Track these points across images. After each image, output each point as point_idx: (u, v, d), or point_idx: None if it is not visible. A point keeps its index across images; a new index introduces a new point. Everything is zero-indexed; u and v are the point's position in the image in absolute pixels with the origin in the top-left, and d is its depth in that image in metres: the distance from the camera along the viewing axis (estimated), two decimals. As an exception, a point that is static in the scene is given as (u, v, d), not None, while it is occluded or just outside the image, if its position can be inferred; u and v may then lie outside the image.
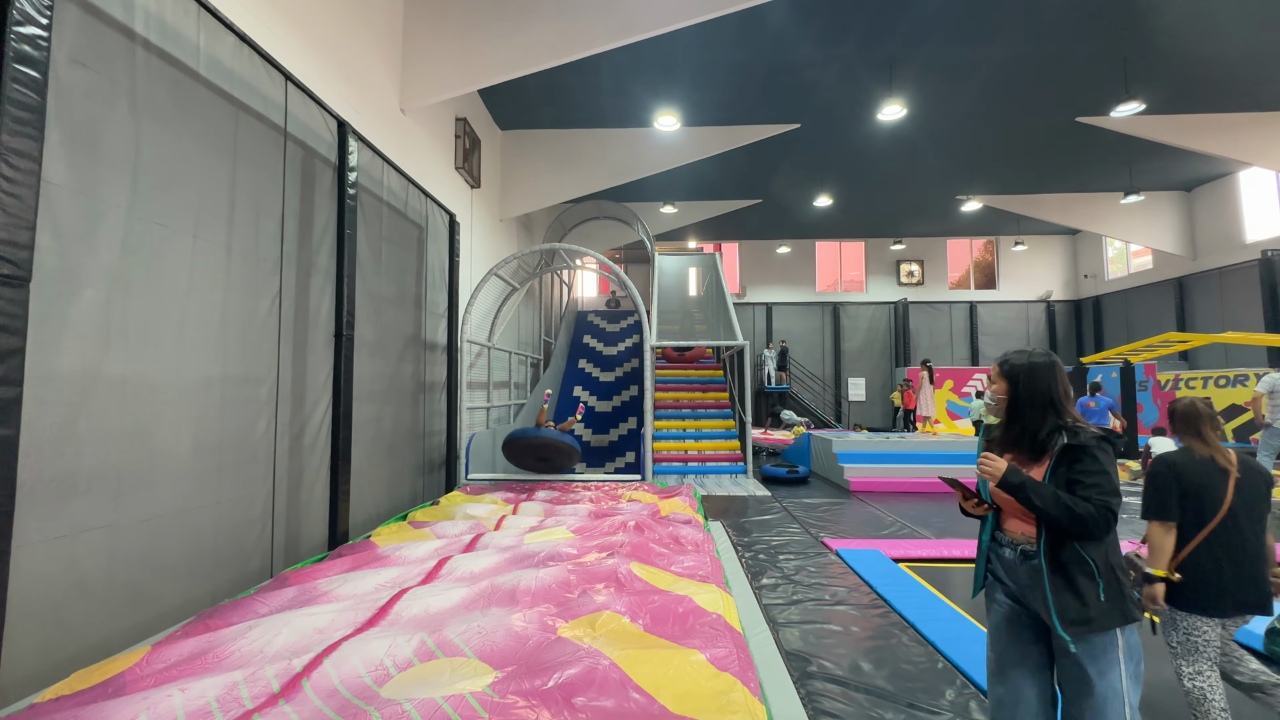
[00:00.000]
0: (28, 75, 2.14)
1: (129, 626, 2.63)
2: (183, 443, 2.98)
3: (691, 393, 11.69)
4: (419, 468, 5.95)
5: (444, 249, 6.64)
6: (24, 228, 2.12)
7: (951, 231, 17.11)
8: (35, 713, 1.82)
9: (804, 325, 17.60)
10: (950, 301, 17.48)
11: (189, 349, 3.03)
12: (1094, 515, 1.47)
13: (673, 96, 8.71)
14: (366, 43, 5.34)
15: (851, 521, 5.90)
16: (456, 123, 7.60)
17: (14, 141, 2.09)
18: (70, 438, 2.40)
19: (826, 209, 14.21)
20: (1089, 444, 1.55)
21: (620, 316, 14.61)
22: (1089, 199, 13.54)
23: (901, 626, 3.22)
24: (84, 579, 2.44)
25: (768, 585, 3.90)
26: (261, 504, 3.54)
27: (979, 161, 11.46)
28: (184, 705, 1.74)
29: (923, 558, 4.54)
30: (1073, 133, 9.94)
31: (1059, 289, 17.44)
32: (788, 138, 9.91)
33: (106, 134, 2.58)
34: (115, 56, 2.63)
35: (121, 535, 2.62)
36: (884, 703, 2.45)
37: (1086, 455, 1.54)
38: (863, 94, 8.64)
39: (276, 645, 2.18)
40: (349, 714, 1.71)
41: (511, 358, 9.91)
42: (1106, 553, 1.53)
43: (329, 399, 4.19)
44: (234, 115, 3.38)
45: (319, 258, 4.12)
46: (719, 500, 6.75)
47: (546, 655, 2.10)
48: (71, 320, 2.42)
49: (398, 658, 2.06)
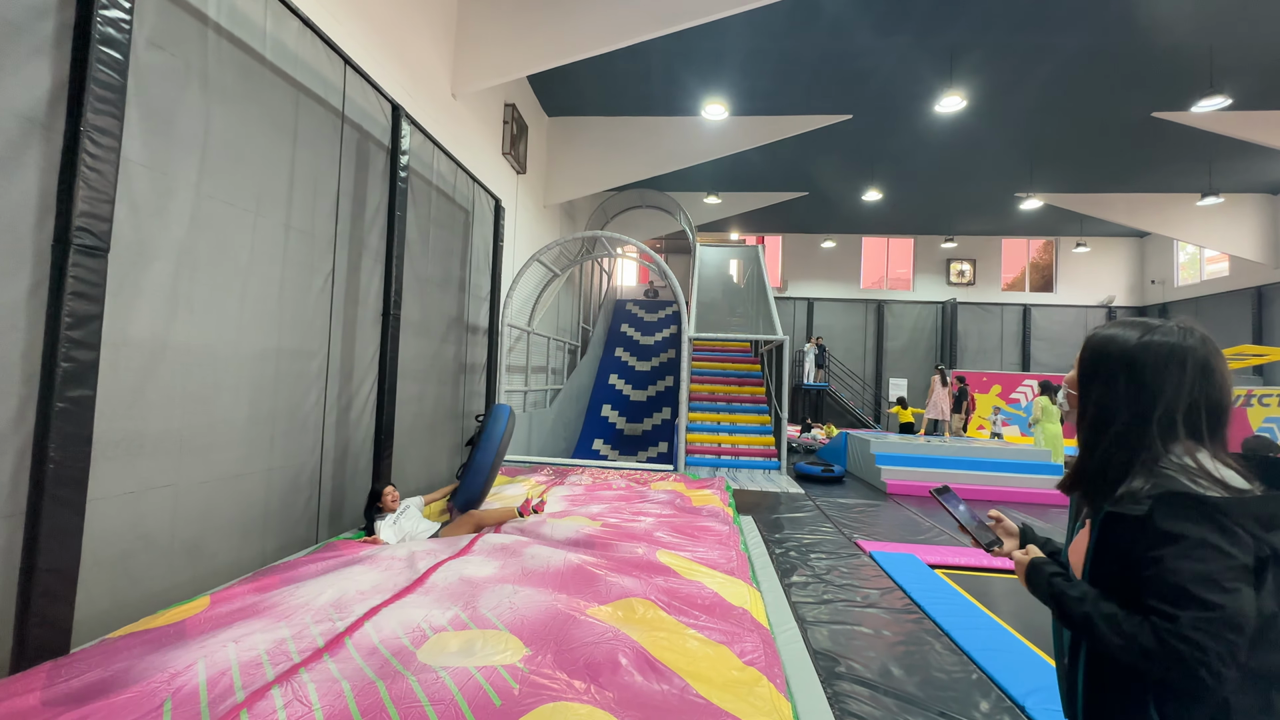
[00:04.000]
0: (111, 56, 2.26)
1: (188, 579, 2.80)
2: (240, 411, 3.13)
3: (728, 386, 11.61)
4: (457, 446, 6.10)
5: (489, 233, 6.75)
6: (105, 201, 2.25)
7: (1008, 230, 16.39)
8: (106, 647, 1.97)
9: (846, 322, 17.22)
10: (1002, 304, 16.79)
11: (248, 321, 3.17)
12: (1155, 651, 0.83)
13: (721, 85, 8.59)
14: (421, 28, 5.43)
15: (887, 524, 5.77)
16: (505, 108, 7.68)
17: (98, 120, 2.22)
18: (139, 401, 2.55)
19: (875, 203, 13.81)
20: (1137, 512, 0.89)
21: (659, 306, 14.60)
22: (1161, 200, 12.75)
23: (935, 634, 3.15)
24: (149, 533, 2.61)
25: (798, 583, 3.86)
26: (309, 473, 3.70)
27: (1042, 157, 10.92)
28: (238, 656, 1.85)
29: (961, 565, 4.42)
30: (1147, 128, 9.36)
31: (1122, 294, 16.54)
32: (838, 129, 9.65)
33: (179, 114, 2.71)
34: (189, 40, 2.76)
35: (183, 494, 2.78)
36: (913, 709, 2.40)
37: (1145, 533, 0.89)
38: (920, 84, 8.33)
39: (321, 602, 2.29)
40: (388, 675, 1.78)
41: (550, 343, 10.03)
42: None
43: (375, 376, 4.33)
44: (295, 98, 3.50)
45: (370, 238, 4.25)
46: (751, 495, 6.71)
47: (575, 634, 2.14)
48: (144, 290, 2.56)
49: (434, 625, 2.14)
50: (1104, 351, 1.03)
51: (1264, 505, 0.86)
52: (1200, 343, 0.96)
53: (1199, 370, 0.94)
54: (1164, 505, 0.88)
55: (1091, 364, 1.05)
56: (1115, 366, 1.00)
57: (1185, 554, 0.84)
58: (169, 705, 1.63)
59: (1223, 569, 0.83)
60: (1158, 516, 0.88)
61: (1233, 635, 0.81)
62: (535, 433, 8.29)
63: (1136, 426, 0.96)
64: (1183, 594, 0.83)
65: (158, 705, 1.62)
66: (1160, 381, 0.95)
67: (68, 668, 1.85)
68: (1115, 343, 1.01)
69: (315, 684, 1.72)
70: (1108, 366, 1.01)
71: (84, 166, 2.17)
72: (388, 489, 3.92)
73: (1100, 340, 1.04)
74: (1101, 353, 1.03)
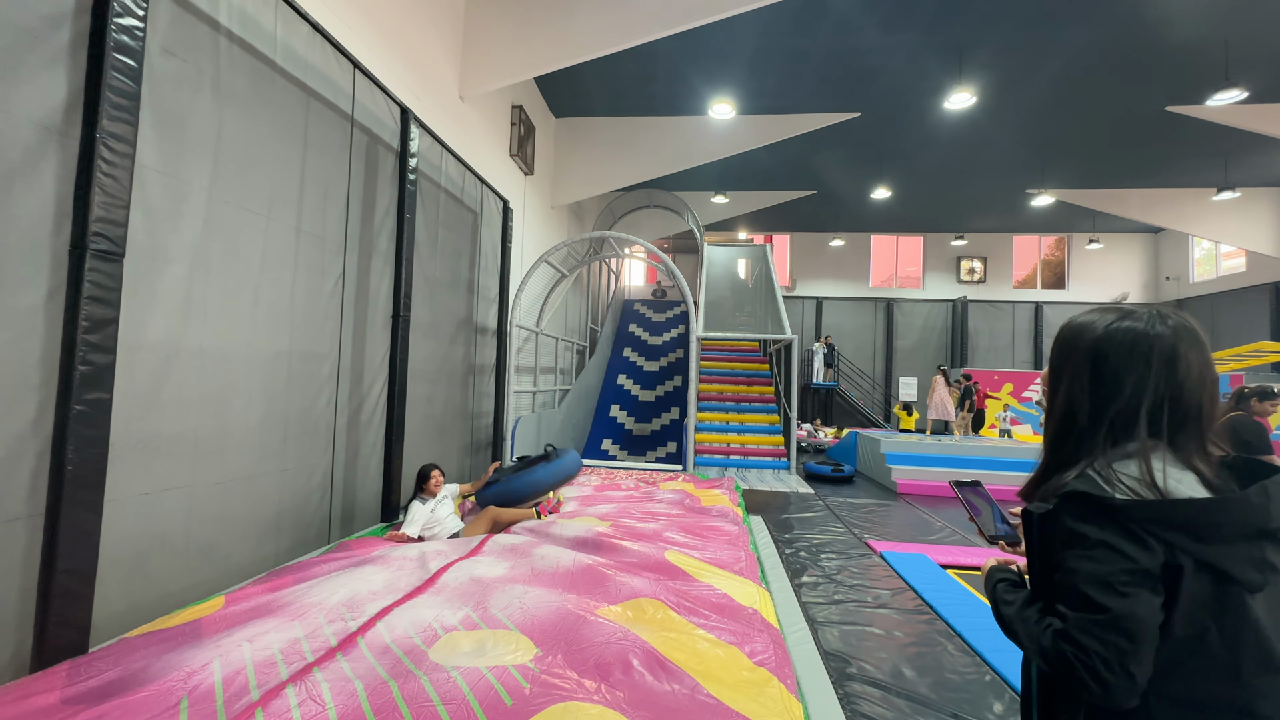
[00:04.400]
0: (125, 64, 2.30)
1: (202, 579, 2.83)
2: (253, 413, 3.17)
3: (736, 385, 11.59)
4: (467, 447, 6.13)
5: (497, 235, 6.78)
6: (120, 207, 2.28)
7: (1019, 227, 16.23)
8: (124, 646, 2.00)
9: (855, 321, 17.12)
10: (1014, 301, 16.62)
11: (260, 324, 3.21)
12: (1049, 652, 0.81)
13: (728, 84, 8.57)
14: (429, 31, 5.47)
15: (898, 524, 5.74)
16: (512, 110, 7.71)
17: (113, 126, 2.25)
18: (155, 403, 2.58)
19: (884, 201, 13.71)
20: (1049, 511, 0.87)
21: (667, 306, 14.59)
22: (1176, 195, 12.57)
23: (947, 634, 3.12)
24: (164, 533, 2.64)
25: (808, 583, 3.84)
26: (321, 474, 3.73)
27: (1054, 153, 10.80)
28: (252, 655, 1.87)
29: (974, 566, 4.38)
30: (1161, 123, 9.23)
31: (1136, 291, 16.32)
32: (846, 126, 9.60)
33: (192, 120, 2.74)
34: (202, 46, 2.79)
35: (197, 495, 2.81)
36: (926, 710, 2.38)
37: (1056, 532, 0.86)
38: (929, 81, 8.27)
39: (333, 602, 2.31)
40: (400, 675, 1.79)
41: (558, 344, 10.05)
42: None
43: (385, 377, 4.36)
44: (305, 102, 3.53)
45: (380, 241, 4.28)
46: (760, 495, 6.69)
47: (585, 634, 2.14)
48: (158, 294, 2.59)
49: (445, 624, 2.15)
50: (1071, 343, 0.95)
51: (1176, 511, 0.79)
52: (1171, 331, 0.87)
53: (1164, 361, 0.86)
54: (1068, 504, 0.84)
55: (1058, 355, 0.97)
56: (1081, 357, 0.92)
57: (1084, 555, 0.81)
58: (186, 703, 1.65)
59: (1117, 571, 0.78)
60: (1063, 515, 0.84)
61: (1120, 640, 0.75)
62: (544, 433, 8.30)
63: (1094, 423, 0.89)
64: (1075, 594, 0.80)
65: (174, 703, 1.64)
66: (1121, 373, 0.88)
67: (87, 666, 1.87)
68: (1083, 333, 0.94)
69: (329, 683, 1.74)
70: (1074, 358, 0.94)
71: (99, 173, 2.21)
72: (434, 472, 3.98)
73: (1069, 330, 0.96)
74: (1069, 344, 0.95)
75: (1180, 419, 0.86)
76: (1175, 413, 0.86)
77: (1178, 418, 0.86)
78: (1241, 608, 0.78)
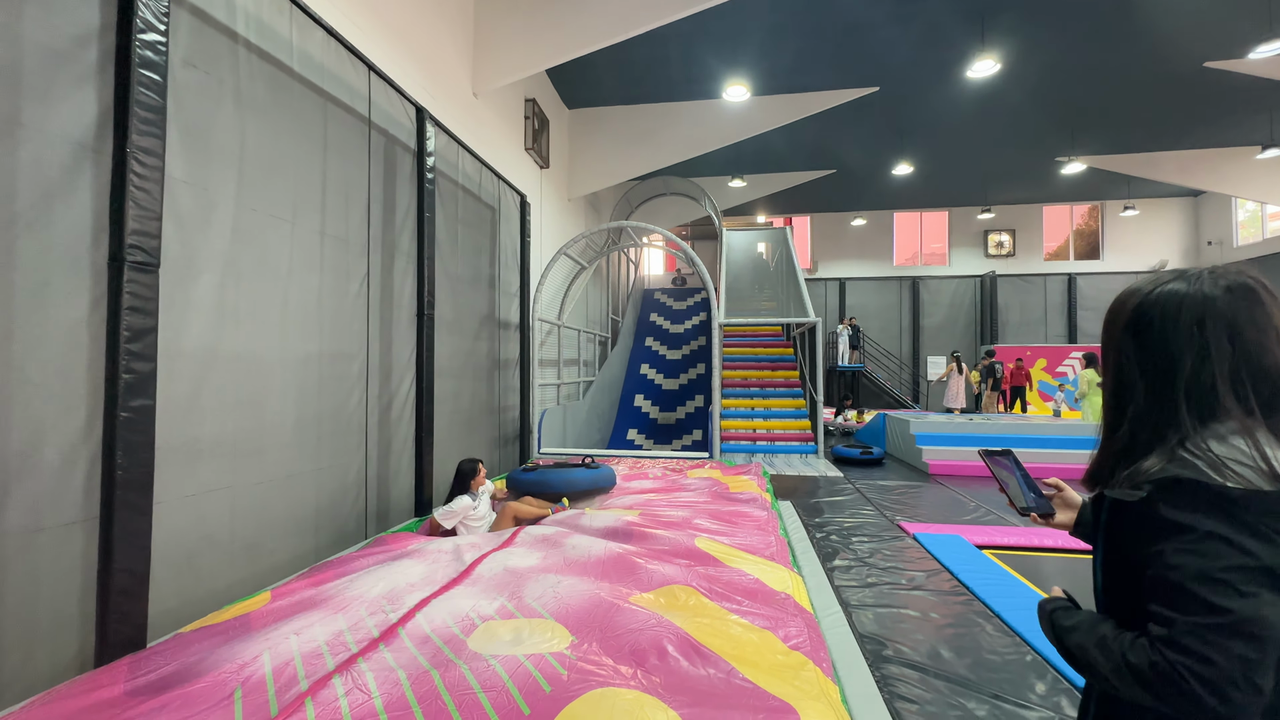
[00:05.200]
0: (150, 79, 2.35)
1: (248, 576, 2.93)
2: (288, 414, 3.25)
3: (760, 371, 11.51)
4: (495, 441, 6.22)
5: (515, 230, 6.81)
6: (152, 219, 2.35)
7: (1049, 197, 15.72)
8: (179, 641, 2.09)
9: (880, 301, 16.82)
10: (1045, 274, 16.14)
11: (291, 328, 3.28)
12: (1145, 668, 0.68)
13: (742, 65, 8.43)
14: (440, 29, 5.49)
15: (930, 505, 5.65)
16: (526, 104, 7.71)
17: (142, 140, 2.31)
18: (195, 408, 2.67)
19: (906, 177, 13.39)
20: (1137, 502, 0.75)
21: (687, 294, 14.53)
22: (1216, 155, 12.02)
23: (986, 615, 3.08)
24: (211, 533, 2.74)
25: (840, 567, 3.82)
26: (356, 472, 3.82)
27: (1084, 118, 10.40)
28: (299, 647, 1.94)
29: (1011, 545, 4.30)
30: (1198, 80, 8.81)
31: (1175, 258, 15.70)
32: (865, 102, 9.38)
33: (216, 130, 2.80)
34: (221, 56, 2.84)
35: (239, 495, 2.91)
36: (965, 691, 2.36)
37: (1146, 524, 0.74)
38: (950, 50, 8.02)
39: (374, 595, 2.38)
40: (441, 664, 1.84)
41: (580, 336, 10.10)
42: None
43: (413, 375, 4.44)
44: (323, 107, 3.58)
45: (401, 240, 4.34)
46: (789, 480, 6.65)
47: (619, 620, 2.17)
48: (193, 302, 2.67)
49: (482, 614, 2.20)
50: (1114, 313, 0.85)
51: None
52: (1226, 291, 0.76)
53: (1224, 326, 0.74)
54: (1166, 491, 0.72)
55: (1104, 329, 0.87)
56: (1123, 328, 0.83)
57: (1188, 548, 0.68)
58: (239, 694, 1.72)
59: (1235, 567, 0.65)
60: (1160, 504, 0.72)
61: (1245, 648, 0.63)
62: (570, 425, 8.37)
63: (1157, 400, 0.77)
64: (1181, 594, 0.67)
65: (229, 694, 1.71)
66: (1171, 342, 0.77)
67: (146, 661, 1.96)
68: (1125, 301, 0.84)
69: (373, 673, 1.79)
70: (1115, 329, 0.84)
71: (132, 186, 2.27)
72: (480, 467, 4.00)
73: (1117, 299, 0.86)
74: (1112, 314, 0.85)
75: (1270, 391, 0.74)
76: (1261, 385, 0.74)
77: (1265, 390, 0.74)
78: None
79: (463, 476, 4.00)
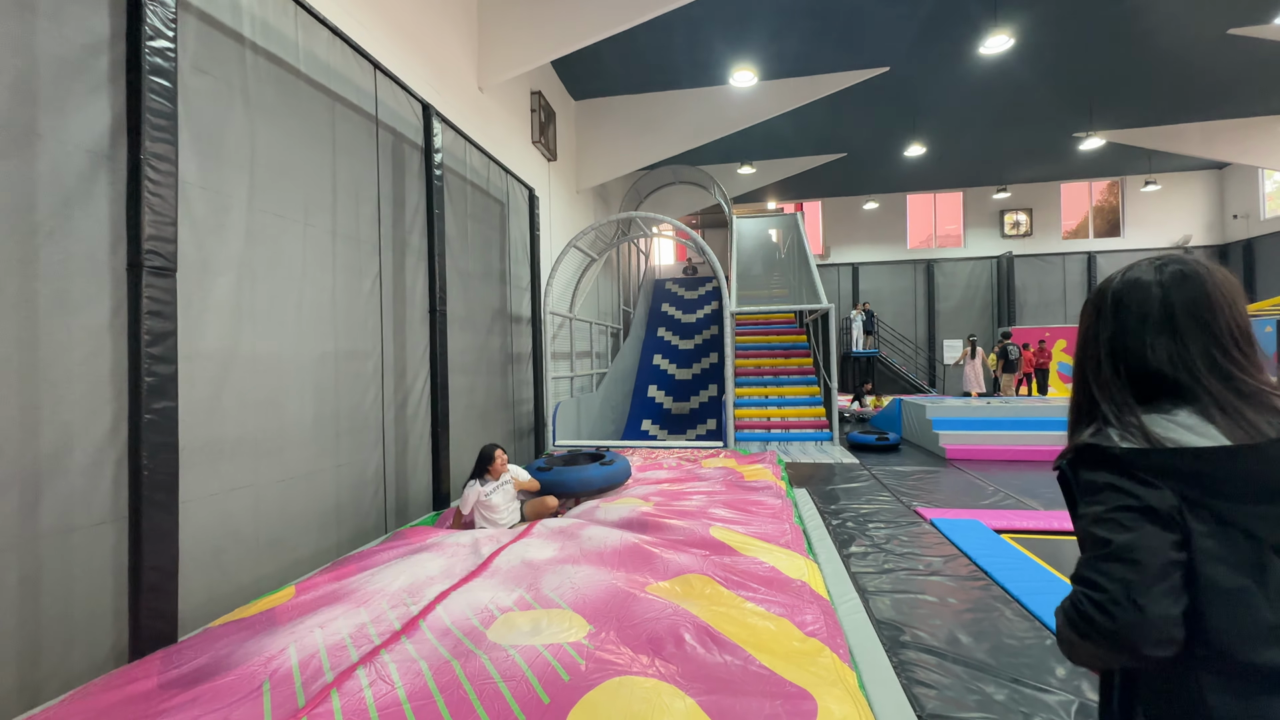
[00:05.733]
0: (161, 85, 2.38)
1: (273, 571, 3.00)
2: (306, 412, 3.31)
3: (774, 359, 11.45)
4: (510, 435, 6.27)
5: (525, 223, 6.82)
6: (168, 224, 2.39)
7: (1066, 175, 15.36)
8: (208, 635, 2.15)
9: (894, 285, 16.61)
10: (1064, 253, 15.81)
11: (306, 327, 3.33)
12: (1067, 615, 0.81)
13: (749, 49, 8.32)
14: (444, 25, 5.48)
15: (948, 490, 5.61)
16: (532, 96, 7.69)
17: (155, 147, 2.35)
18: (216, 408, 2.73)
19: (919, 159, 13.16)
20: (1063, 467, 0.88)
21: (698, 283, 14.47)
22: (1241, 126, 11.65)
23: (1004, 600, 3.06)
24: (236, 530, 2.81)
25: (856, 553, 3.81)
26: (374, 468, 3.88)
27: (1102, 92, 10.12)
28: (324, 640, 1.99)
29: (1029, 529, 4.26)
30: (1222, 48, 8.52)
31: (1200, 233, 15.29)
32: (875, 83, 9.21)
33: (227, 134, 2.84)
34: (229, 60, 2.87)
35: (262, 493, 2.97)
36: (984, 676, 2.35)
37: (1071, 488, 0.87)
38: (963, 25, 7.84)
39: (395, 588, 2.43)
40: (461, 654, 1.88)
41: (592, 328, 10.11)
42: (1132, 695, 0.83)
43: (427, 371, 4.48)
44: (331, 107, 3.60)
45: (412, 238, 4.36)
46: (804, 467, 6.63)
47: (636, 610, 2.19)
48: (210, 305, 2.72)
49: (501, 606, 2.23)
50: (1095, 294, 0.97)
51: (1179, 459, 0.77)
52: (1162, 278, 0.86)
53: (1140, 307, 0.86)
54: (1079, 457, 0.85)
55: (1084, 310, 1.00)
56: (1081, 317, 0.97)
57: (1091, 500, 0.81)
58: (268, 685, 1.76)
59: (1120, 507, 0.78)
60: (1079, 469, 0.85)
61: (1125, 571, 0.74)
62: (584, 417, 8.41)
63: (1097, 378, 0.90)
64: (1085, 537, 0.81)
65: (258, 686, 1.76)
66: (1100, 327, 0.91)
67: (177, 654, 2.02)
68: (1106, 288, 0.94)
69: (396, 664, 1.83)
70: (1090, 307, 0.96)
71: (147, 192, 2.31)
72: (499, 451, 3.86)
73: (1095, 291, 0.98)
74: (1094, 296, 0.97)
75: (1188, 367, 0.83)
76: (1184, 361, 0.83)
77: (1186, 366, 0.83)
78: None
79: (480, 461, 3.93)
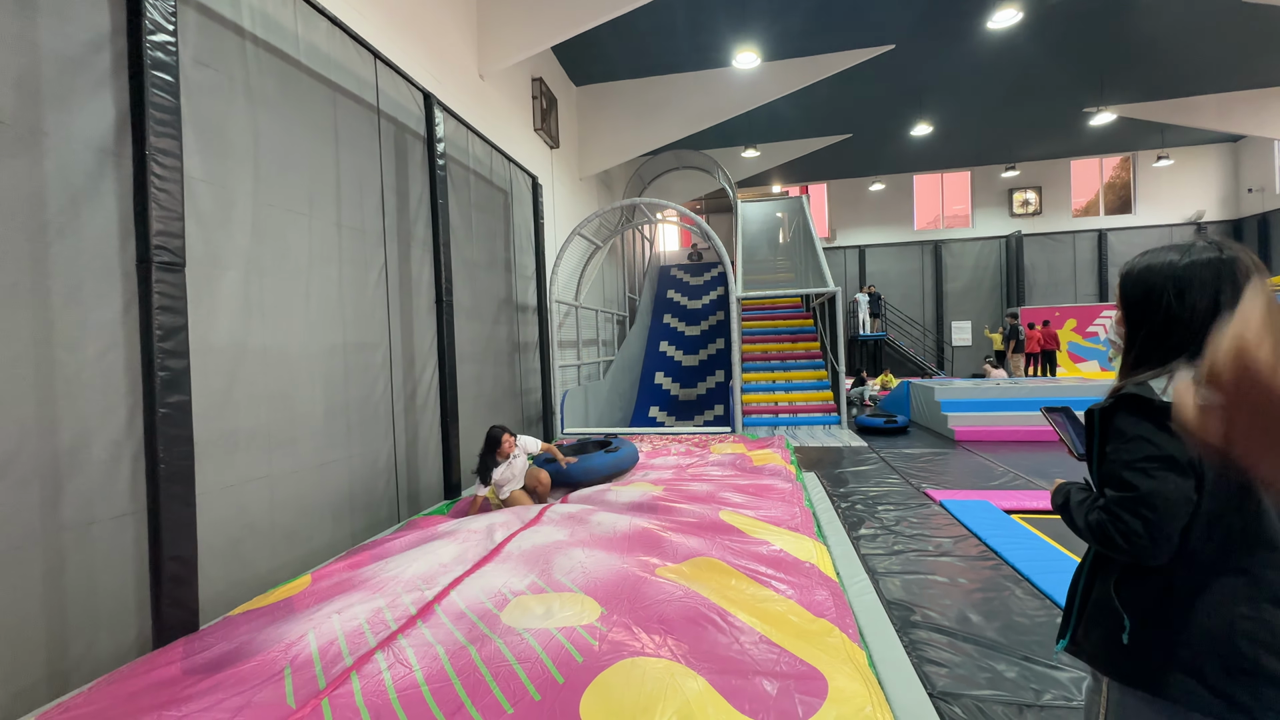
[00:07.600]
0: (163, 80, 2.39)
1: (289, 560, 3.05)
2: (317, 404, 3.34)
3: (780, 343, 11.42)
4: (519, 424, 6.31)
5: (528, 212, 6.80)
6: (175, 219, 2.41)
7: (1077, 151, 15.10)
8: (229, 623, 2.20)
9: (901, 267, 16.47)
10: (1074, 231, 15.60)
11: (314, 320, 3.35)
12: (1093, 528, 1.00)
13: (751, 30, 8.20)
14: (443, 12, 5.43)
15: (957, 472, 5.60)
16: (533, 83, 7.63)
17: (160, 142, 2.36)
18: (229, 401, 2.76)
19: (925, 138, 12.99)
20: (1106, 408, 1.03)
21: (704, 269, 14.40)
22: (1257, 96, 11.40)
23: (1015, 579, 3.07)
24: (252, 521, 2.85)
25: (866, 535, 3.83)
26: (385, 458, 3.92)
27: (1113, 65, 9.92)
28: (342, 626, 2.03)
29: (1039, 509, 4.25)
30: (1236, 15, 8.32)
31: (1213, 208, 15.03)
32: (880, 62, 9.07)
33: (230, 128, 2.84)
34: (230, 53, 2.86)
35: (277, 484, 3.01)
36: (995, 654, 2.36)
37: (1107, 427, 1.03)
38: (968, 1, 7.69)
39: (409, 575, 2.46)
40: (476, 638, 1.91)
41: (598, 316, 10.11)
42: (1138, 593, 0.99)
43: (435, 361, 4.51)
44: (332, 98, 3.59)
45: (416, 228, 4.37)
46: (813, 451, 6.64)
47: (646, 593, 2.21)
48: (219, 299, 2.74)
49: (514, 590, 2.26)
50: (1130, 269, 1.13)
51: None
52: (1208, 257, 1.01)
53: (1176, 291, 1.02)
54: (1121, 403, 1.01)
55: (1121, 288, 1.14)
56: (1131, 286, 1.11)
57: (1122, 445, 0.99)
58: (289, 671, 1.80)
59: (1148, 457, 0.95)
60: (1117, 413, 1.01)
61: (1148, 513, 0.93)
62: (592, 405, 8.44)
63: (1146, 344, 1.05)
64: (1113, 478, 0.99)
65: (279, 671, 1.80)
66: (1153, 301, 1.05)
67: (199, 642, 2.07)
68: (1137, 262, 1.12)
69: (413, 648, 1.87)
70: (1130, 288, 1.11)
71: (153, 188, 2.32)
72: (505, 435, 3.87)
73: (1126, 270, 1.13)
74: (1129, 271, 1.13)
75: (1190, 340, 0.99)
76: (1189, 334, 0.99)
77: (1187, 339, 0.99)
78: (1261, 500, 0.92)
79: (489, 444, 3.92)
